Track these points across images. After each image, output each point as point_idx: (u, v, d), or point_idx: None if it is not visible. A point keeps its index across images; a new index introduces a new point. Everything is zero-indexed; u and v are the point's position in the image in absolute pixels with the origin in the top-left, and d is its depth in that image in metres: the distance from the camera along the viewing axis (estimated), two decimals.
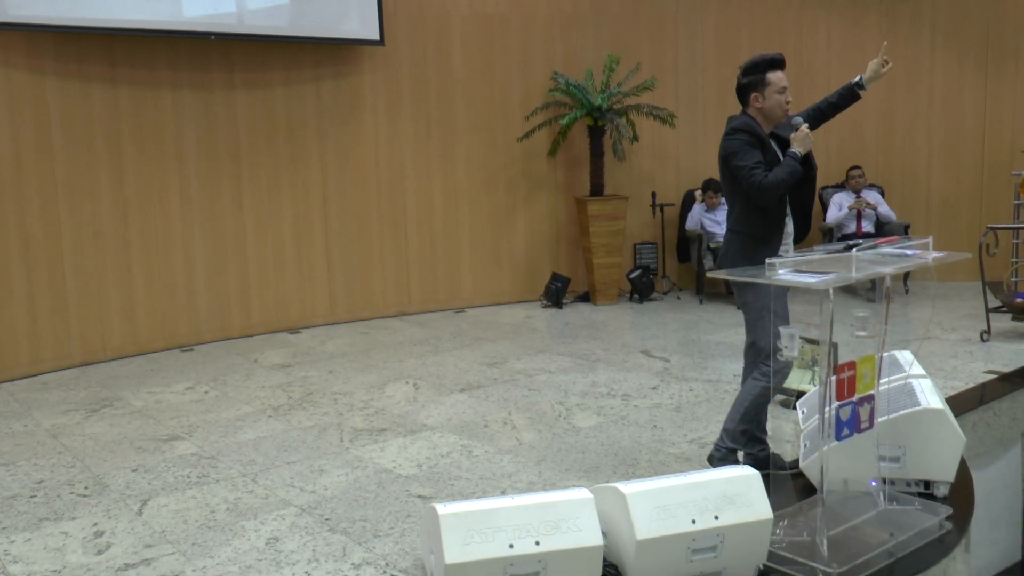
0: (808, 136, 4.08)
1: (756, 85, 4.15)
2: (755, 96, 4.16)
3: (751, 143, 4.09)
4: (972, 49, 9.54)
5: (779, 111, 4.15)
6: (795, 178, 4.05)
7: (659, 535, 2.98)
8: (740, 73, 4.23)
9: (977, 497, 5.19)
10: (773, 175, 4.01)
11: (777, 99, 4.13)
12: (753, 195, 4.07)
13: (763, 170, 4.03)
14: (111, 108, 7.36)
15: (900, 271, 3.55)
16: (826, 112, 4.33)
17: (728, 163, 4.15)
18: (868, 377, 3.52)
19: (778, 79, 4.12)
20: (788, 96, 4.14)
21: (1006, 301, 7.16)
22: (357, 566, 3.50)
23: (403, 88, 8.78)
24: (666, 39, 9.71)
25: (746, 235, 4.18)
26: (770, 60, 4.15)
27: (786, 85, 4.14)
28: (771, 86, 4.12)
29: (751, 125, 4.13)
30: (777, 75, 4.13)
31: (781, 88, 4.12)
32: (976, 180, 9.68)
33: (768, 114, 4.16)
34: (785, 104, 4.14)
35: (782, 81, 4.13)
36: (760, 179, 4.01)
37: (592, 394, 5.91)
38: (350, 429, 5.33)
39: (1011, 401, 5.52)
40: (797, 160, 4.04)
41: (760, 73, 4.14)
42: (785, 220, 4.22)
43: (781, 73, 4.14)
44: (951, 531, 3.58)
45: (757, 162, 4.05)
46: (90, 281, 7.31)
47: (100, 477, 4.66)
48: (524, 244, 9.45)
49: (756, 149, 4.08)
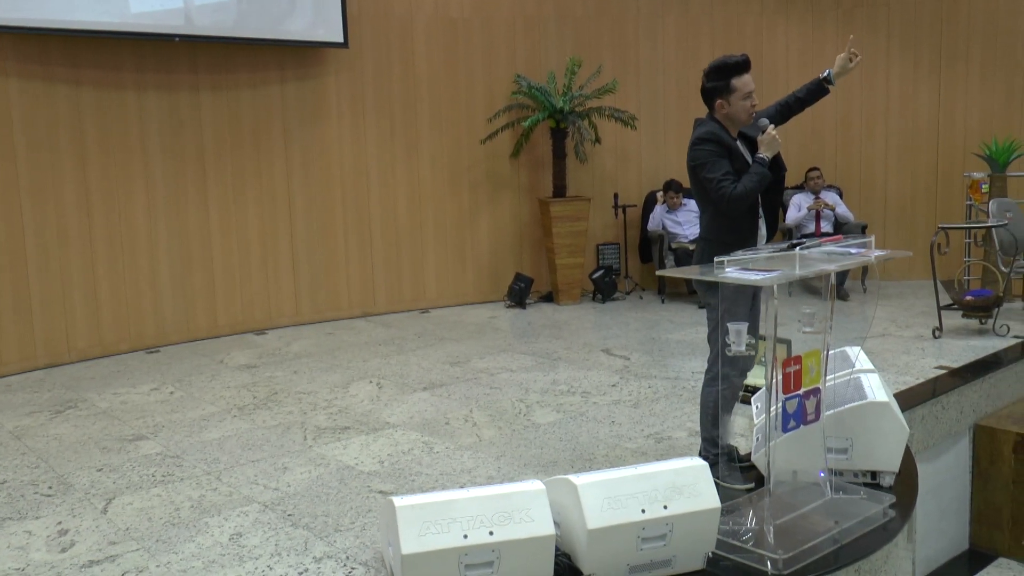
0: (775, 139, 4.04)
1: (721, 91, 4.10)
2: (720, 103, 4.11)
3: (718, 152, 4.05)
4: (926, 54, 9.75)
5: (744, 115, 4.10)
6: (764, 184, 4.03)
7: (609, 524, 3.08)
8: (704, 77, 4.17)
9: (925, 488, 5.36)
10: (742, 185, 3.98)
11: (743, 105, 4.07)
12: (723, 207, 4.05)
13: (732, 181, 3.99)
14: (75, 110, 7.37)
15: (842, 268, 3.66)
16: (793, 107, 4.28)
17: (697, 174, 4.12)
18: (814, 371, 3.65)
19: (743, 84, 4.06)
20: (754, 100, 4.09)
21: (956, 299, 7.34)
22: (318, 560, 3.58)
23: (367, 90, 8.85)
24: (627, 42, 9.84)
25: (717, 242, 4.06)
26: (734, 65, 4.08)
27: (752, 89, 4.08)
28: (736, 92, 4.07)
29: (716, 133, 4.08)
30: (742, 80, 4.06)
31: (747, 93, 4.07)
32: (931, 181, 9.88)
33: (734, 118, 4.12)
34: (751, 108, 4.09)
35: (748, 86, 4.07)
36: (729, 191, 3.98)
37: (552, 392, 6.02)
38: (313, 428, 5.40)
39: (959, 395, 5.68)
40: (765, 165, 4.02)
41: (724, 79, 4.08)
42: (759, 224, 4.19)
43: (747, 77, 4.08)
44: (894, 518, 3.71)
45: (725, 173, 4.01)
46: (54, 283, 7.32)
47: (64, 477, 4.70)
48: (488, 245, 9.55)
49: (723, 158, 4.04)
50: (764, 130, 4.07)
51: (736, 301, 3.92)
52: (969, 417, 5.82)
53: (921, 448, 5.29)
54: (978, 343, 6.80)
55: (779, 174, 4.18)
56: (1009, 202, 7.86)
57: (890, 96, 9.93)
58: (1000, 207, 7.69)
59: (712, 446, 4.27)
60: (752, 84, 4.09)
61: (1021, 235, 7.72)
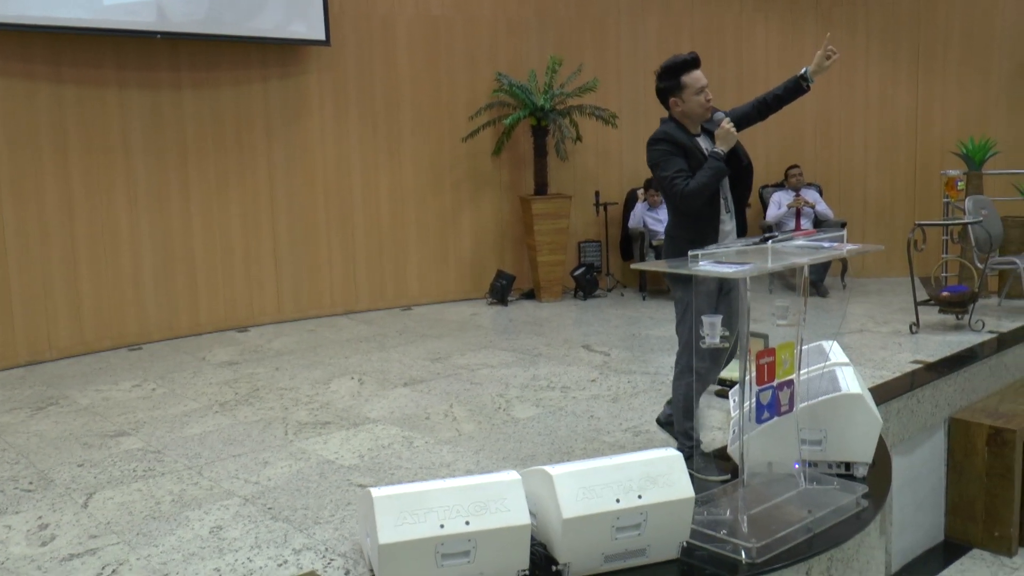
0: (730, 132, 4.08)
1: (673, 90, 4.17)
2: (674, 101, 4.19)
3: (671, 151, 4.12)
4: (904, 53, 9.84)
5: (700, 111, 4.16)
6: (719, 178, 4.09)
7: (584, 514, 3.12)
8: (656, 79, 4.23)
9: (901, 481, 5.43)
10: (695, 181, 4.05)
11: (696, 100, 4.14)
12: (678, 204, 4.12)
13: (685, 177, 4.07)
14: (56, 107, 7.37)
15: (815, 262, 3.72)
16: (771, 104, 4.29)
17: (654, 174, 4.22)
18: (787, 363, 3.70)
19: (694, 80, 4.13)
20: (708, 94, 4.13)
21: (933, 295, 7.41)
22: (298, 551, 3.61)
23: (349, 88, 8.87)
24: (608, 41, 9.90)
25: (680, 239, 4.14)
26: (683, 63, 4.15)
27: (704, 84, 4.14)
28: (688, 89, 4.14)
29: (670, 133, 4.15)
30: (693, 76, 4.13)
31: (699, 89, 4.13)
32: (909, 179, 9.98)
33: (690, 115, 4.17)
34: (705, 102, 4.13)
35: (699, 81, 4.13)
36: (682, 188, 4.05)
37: (532, 387, 6.06)
38: (295, 423, 5.43)
39: (934, 389, 5.75)
40: (720, 159, 4.07)
41: (675, 78, 4.15)
42: (720, 220, 4.21)
43: (698, 73, 4.15)
44: (867, 508, 3.76)
45: (678, 171, 4.08)
46: (36, 280, 7.32)
47: (45, 472, 4.71)
48: (470, 242, 9.58)
49: (678, 156, 4.11)
50: (719, 124, 4.12)
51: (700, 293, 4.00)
52: (944, 411, 5.89)
53: (897, 441, 5.36)
54: (954, 338, 6.87)
55: (740, 167, 4.22)
56: (984, 199, 7.96)
57: (869, 95, 10.02)
58: (976, 204, 7.78)
59: (687, 439, 4.33)
60: (703, 79, 4.15)
61: (996, 232, 7.82)
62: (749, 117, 4.30)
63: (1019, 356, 6.72)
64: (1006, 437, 5.72)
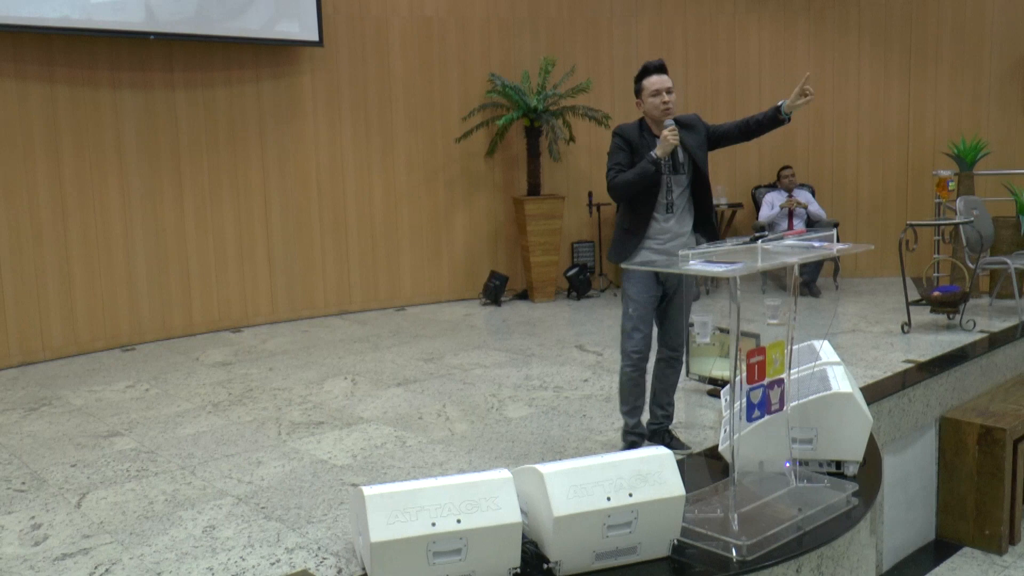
0: (667, 139, 4.32)
1: (637, 93, 4.54)
2: (637, 102, 4.57)
3: (619, 146, 4.51)
4: (896, 54, 9.88)
5: (656, 112, 4.44)
6: (644, 178, 4.37)
7: (575, 512, 3.14)
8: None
9: (892, 479, 5.46)
10: (622, 176, 4.42)
11: (652, 102, 4.44)
12: (608, 192, 4.53)
13: (617, 171, 4.45)
14: (49, 107, 7.37)
15: (805, 261, 3.74)
16: (753, 129, 4.54)
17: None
18: (778, 362, 3.72)
19: (651, 84, 4.45)
20: (664, 97, 4.41)
21: (925, 295, 7.44)
22: (290, 550, 3.62)
23: (343, 89, 8.88)
24: (601, 42, 9.92)
25: (619, 227, 4.59)
26: (644, 69, 4.51)
27: (660, 88, 4.42)
28: (645, 91, 4.47)
29: (625, 130, 4.53)
30: (650, 80, 4.45)
31: (654, 92, 4.43)
32: (901, 179, 10.01)
33: (649, 116, 4.49)
34: (661, 105, 4.42)
35: (654, 85, 4.43)
36: (610, 180, 4.47)
37: (525, 387, 6.08)
38: (288, 423, 5.44)
39: (925, 388, 5.77)
40: (650, 162, 4.35)
41: (638, 81, 4.51)
42: (654, 216, 4.47)
43: (655, 77, 4.45)
44: (858, 506, 3.78)
45: (616, 163, 4.48)
46: (28, 281, 7.32)
47: (38, 473, 4.72)
48: (463, 243, 9.60)
49: (624, 151, 4.48)
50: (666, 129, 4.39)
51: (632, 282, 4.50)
52: (935, 410, 5.91)
53: (888, 440, 5.38)
54: (945, 338, 6.90)
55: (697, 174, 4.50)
56: (976, 200, 7.98)
57: (861, 95, 10.05)
58: (967, 205, 7.80)
59: (627, 432, 4.65)
60: (661, 84, 4.44)
61: (987, 232, 7.85)
62: (730, 135, 4.58)
63: (1010, 356, 6.75)
64: (996, 436, 5.75)
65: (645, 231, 4.49)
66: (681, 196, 4.50)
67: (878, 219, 10.08)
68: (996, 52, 9.59)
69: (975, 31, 9.62)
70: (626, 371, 4.59)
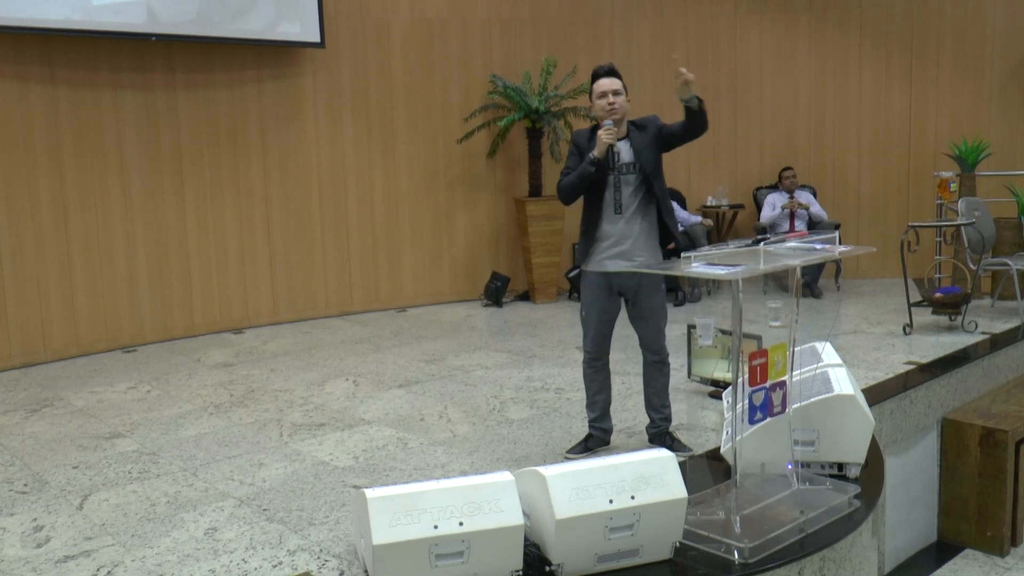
0: (600, 139, 4.40)
1: (589, 95, 4.65)
2: (589, 105, 4.74)
3: (572, 151, 4.65)
4: (897, 55, 9.87)
5: (602, 113, 4.51)
6: (584, 179, 4.48)
7: (577, 514, 3.14)
8: None
9: (894, 481, 5.45)
10: (566, 179, 4.57)
11: (599, 103, 4.52)
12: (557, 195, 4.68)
13: (565, 174, 4.59)
14: (50, 109, 7.38)
15: (807, 263, 3.74)
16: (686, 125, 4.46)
17: None
18: (780, 364, 3.72)
19: (598, 86, 4.53)
20: (609, 99, 4.47)
21: (926, 296, 7.44)
22: (292, 553, 3.62)
23: (344, 90, 8.88)
24: (602, 43, 9.92)
25: (580, 229, 4.68)
26: (593, 72, 4.60)
27: (605, 90, 4.49)
28: (594, 94, 4.55)
29: (578, 135, 4.64)
30: (597, 83, 4.53)
31: (600, 94, 4.51)
32: (903, 181, 10.01)
33: (598, 116, 4.55)
34: (606, 106, 4.48)
35: (600, 88, 4.51)
36: (558, 183, 4.64)
37: (526, 388, 6.08)
38: (289, 424, 5.44)
39: (927, 390, 5.77)
40: (589, 163, 4.43)
41: (591, 85, 4.59)
42: (602, 218, 4.54)
43: (603, 80, 4.52)
44: (860, 508, 3.78)
45: (566, 167, 4.62)
46: (30, 282, 7.32)
47: (40, 474, 4.72)
48: (464, 244, 9.60)
49: (575, 156, 4.60)
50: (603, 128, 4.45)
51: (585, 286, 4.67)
52: (937, 411, 5.91)
53: (890, 441, 5.38)
54: (947, 339, 6.90)
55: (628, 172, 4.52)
56: (977, 201, 7.98)
57: (862, 97, 10.05)
58: (969, 206, 7.80)
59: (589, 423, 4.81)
60: (607, 86, 4.50)
61: (989, 233, 7.85)
62: (677, 135, 4.53)
63: (1012, 357, 6.75)
64: (998, 437, 5.75)
65: (596, 232, 4.57)
66: (632, 196, 4.52)
67: (879, 220, 10.08)
68: (997, 53, 9.59)
69: (976, 32, 9.62)
70: (583, 366, 4.79)
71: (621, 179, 4.50)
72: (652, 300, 4.60)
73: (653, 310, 4.62)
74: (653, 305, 4.61)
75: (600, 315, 4.63)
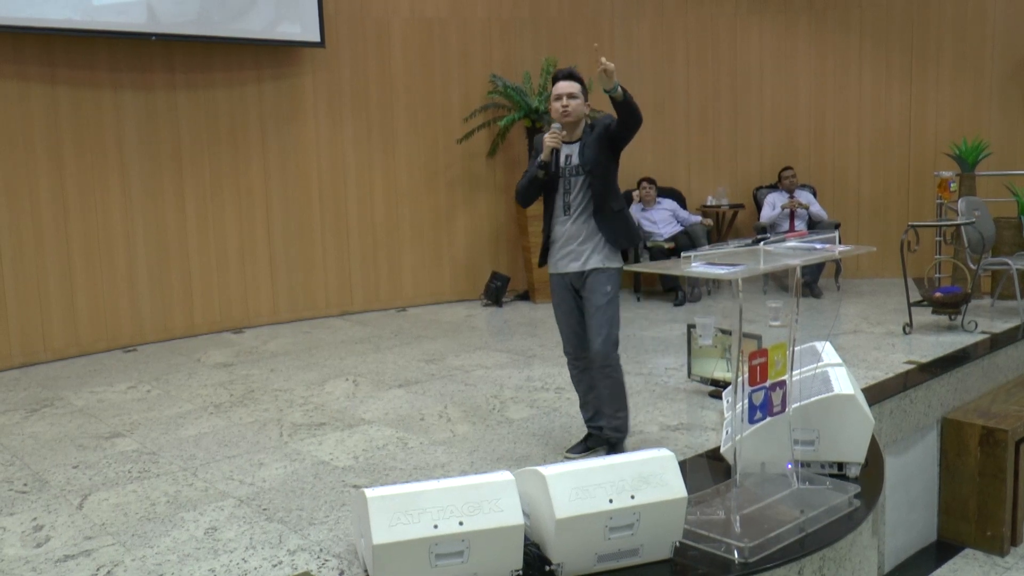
0: (545, 142, 4.45)
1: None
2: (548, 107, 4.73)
3: (531, 154, 4.73)
4: (897, 55, 9.87)
5: (556, 115, 4.51)
6: (532, 182, 4.53)
7: (577, 514, 3.13)
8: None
9: (894, 481, 5.45)
10: (520, 181, 4.64)
11: (554, 106, 4.53)
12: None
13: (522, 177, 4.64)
14: (50, 108, 7.38)
15: (807, 263, 3.74)
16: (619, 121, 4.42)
17: None
18: (780, 364, 3.72)
19: (555, 90, 4.53)
20: (564, 101, 4.47)
21: (926, 295, 7.44)
22: (292, 552, 3.62)
23: (344, 90, 8.89)
24: (602, 43, 9.90)
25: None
26: (553, 75, 4.67)
27: (560, 93, 4.48)
28: (552, 97, 4.56)
29: (540, 136, 4.57)
30: (556, 86, 4.53)
31: (555, 97, 4.51)
32: (903, 180, 10.01)
33: (554, 119, 4.54)
34: (560, 108, 4.48)
35: (556, 91, 4.51)
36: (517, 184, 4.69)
37: (526, 388, 6.08)
38: (289, 424, 5.44)
39: (927, 389, 5.77)
40: (537, 166, 4.48)
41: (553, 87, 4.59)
42: (554, 219, 4.58)
43: (560, 83, 4.52)
44: (860, 508, 3.77)
45: (526, 170, 4.65)
46: (30, 282, 7.32)
47: (40, 474, 4.72)
48: (464, 244, 9.60)
49: (532, 158, 4.65)
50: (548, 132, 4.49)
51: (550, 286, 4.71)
52: (937, 411, 5.91)
53: (890, 441, 5.38)
54: (947, 339, 6.90)
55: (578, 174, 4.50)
56: (977, 200, 7.98)
57: (863, 96, 10.05)
58: (969, 205, 7.80)
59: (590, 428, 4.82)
60: (562, 89, 4.50)
61: (989, 233, 7.85)
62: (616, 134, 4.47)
63: (1012, 357, 6.75)
64: (998, 437, 5.75)
65: (551, 234, 4.61)
66: (580, 197, 4.51)
67: (879, 220, 10.08)
68: (997, 53, 9.59)
69: (976, 32, 9.62)
70: (567, 368, 4.90)
71: (571, 181, 4.50)
72: (594, 300, 4.49)
73: (595, 310, 4.49)
74: (595, 305, 4.49)
75: (566, 315, 4.66)
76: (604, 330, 4.50)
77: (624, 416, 4.67)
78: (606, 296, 4.50)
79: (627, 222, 4.62)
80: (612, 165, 4.54)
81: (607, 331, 4.51)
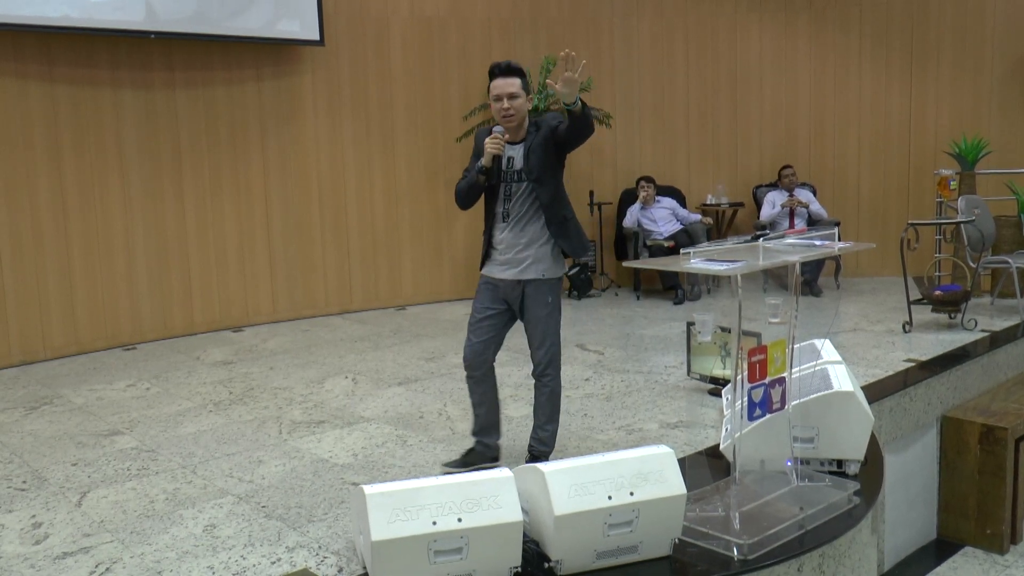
0: (487, 148, 4.15)
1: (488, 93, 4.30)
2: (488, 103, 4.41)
3: (472, 154, 4.40)
4: (897, 53, 9.87)
5: (496, 116, 4.22)
6: (472, 188, 4.27)
7: (576, 511, 3.13)
8: None
9: (894, 479, 5.45)
10: (458, 184, 4.33)
11: (494, 107, 4.21)
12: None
13: (463, 177, 4.35)
14: (49, 107, 7.37)
15: (806, 260, 3.73)
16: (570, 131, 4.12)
17: None
18: (779, 361, 3.71)
19: (493, 88, 4.19)
20: (504, 103, 4.14)
21: (926, 294, 7.43)
22: (291, 549, 3.61)
23: (343, 88, 8.88)
24: (602, 42, 9.91)
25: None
26: (489, 70, 4.24)
27: (500, 93, 4.15)
28: (490, 94, 4.23)
29: (480, 134, 4.32)
30: (494, 83, 4.18)
31: (495, 97, 4.17)
32: (903, 179, 10.01)
33: (495, 121, 4.28)
34: (501, 111, 4.17)
35: (495, 90, 4.17)
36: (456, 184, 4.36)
37: (526, 386, 6.04)
38: (289, 422, 5.44)
39: (926, 387, 5.77)
40: (478, 171, 4.20)
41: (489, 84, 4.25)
42: (494, 225, 4.32)
43: (497, 81, 4.16)
44: (859, 505, 3.77)
45: (465, 169, 4.40)
46: (30, 281, 7.31)
47: (39, 471, 4.71)
48: (464, 242, 9.59)
49: (473, 158, 4.36)
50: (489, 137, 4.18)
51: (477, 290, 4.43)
52: (937, 409, 5.91)
53: (890, 439, 5.38)
54: (947, 337, 6.90)
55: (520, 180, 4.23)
56: (977, 199, 7.98)
57: (862, 95, 10.04)
58: (969, 204, 7.80)
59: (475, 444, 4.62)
60: (501, 89, 4.15)
61: (988, 231, 7.85)
62: (564, 140, 4.18)
63: (1011, 355, 6.75)
64: (998, 435, 5.74)
65: (491, 239, 4.34)
66: (520, 204, 4.25)
67: (879, 218, 10.08)
68: (997, 51, 9.59)
69: (976, 30, 9.62)
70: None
71: (512, 187, 4.23)
72: (535, 311, 4.30)
73: (537, 321, 4.31)
74: (537, 316, 4.31)
75: (480, 322, 4.39)
76: (548, 340, 4.36)
77: (553, 429, 4.50)
78: (547, 307, 4.30)
79: (578, 229, 4.39)
80: (559, 170, 4.28)
81: (550, 341, 4.36)
